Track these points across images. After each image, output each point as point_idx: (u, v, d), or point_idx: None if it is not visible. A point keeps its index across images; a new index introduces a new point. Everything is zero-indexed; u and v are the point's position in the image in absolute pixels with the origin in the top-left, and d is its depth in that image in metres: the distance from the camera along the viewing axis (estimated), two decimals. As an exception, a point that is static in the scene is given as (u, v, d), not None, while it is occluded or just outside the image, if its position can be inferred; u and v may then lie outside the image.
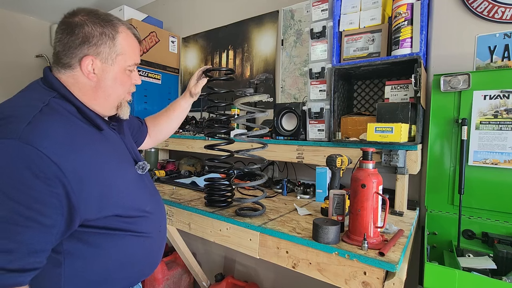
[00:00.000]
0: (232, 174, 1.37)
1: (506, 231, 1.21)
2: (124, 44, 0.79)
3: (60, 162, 0.61)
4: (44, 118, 0.64)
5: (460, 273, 0.85)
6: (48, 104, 0.68)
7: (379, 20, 1.35)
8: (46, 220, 0.59)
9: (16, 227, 0.56)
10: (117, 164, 0.77)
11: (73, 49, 0.73)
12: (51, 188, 0.59)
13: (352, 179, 0.98)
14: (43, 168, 0.59)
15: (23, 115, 0.62)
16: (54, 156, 0.60)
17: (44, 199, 0.59)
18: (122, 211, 0.75)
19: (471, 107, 1.27)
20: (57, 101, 0.71)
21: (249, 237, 1.16)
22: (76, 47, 0.73)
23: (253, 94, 1.21)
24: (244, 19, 2.26)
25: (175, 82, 2.71)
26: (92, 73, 0.75)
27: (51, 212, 0.60)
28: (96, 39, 0.74)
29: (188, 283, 2.34)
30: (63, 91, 0.73)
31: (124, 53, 0.80)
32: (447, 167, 1.34)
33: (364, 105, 1.67)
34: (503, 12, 1.28)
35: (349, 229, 1.00)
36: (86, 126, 0.73)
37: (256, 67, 2.21)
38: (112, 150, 0.78)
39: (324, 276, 0.98)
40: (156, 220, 0.86)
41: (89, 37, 0.73)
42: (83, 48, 0.73)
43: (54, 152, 0.60)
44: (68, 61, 0.74)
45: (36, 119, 0.62)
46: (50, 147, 0.60)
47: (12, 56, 3.23)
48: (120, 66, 0.80)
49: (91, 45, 0.74)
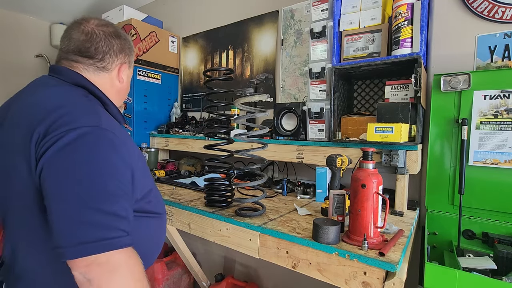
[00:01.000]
0: (232, 174, 1.37)
1: (506, 231, 1.20)
2: (133, 55, 0.96)
3: (128, 146, 0.71)
4: (101, 109, 0.74)
5: (460, 273, 0.85)
6: (88, 98, 0.76)
7: (379, 20, 1.35)
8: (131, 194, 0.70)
9: (120, 199, 0.65)
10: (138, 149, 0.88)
11: (113, 56, 0.84)
12: (128, 168, 0.69)
13: (352, 179, 0.98)
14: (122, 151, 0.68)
15: (85, 108, 0.70)
16: (125, 142, 0.71)
17: (127, 177, 0.69)
18: (148, 193, 0.82)
19: (471, 107, 1.27)
20: (90, 95, 0.78)
21: (249, 237, 1.16)
22: (116, 55, 0.85)
23: (253, 94, 1.21)
24: (244, 19, 2.26)
25: (175, 82, 2.71)
26: (122, 77, 0.89)
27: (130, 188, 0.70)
28: (128, 51, 0.89)
29: (188, 283, 2.33)
30: (91, 87, 0.79)
31: (133, 61, 0.96)
32: (447, 167, 1.34)
33: (364, 105, 1.67)
34: (503, 12, 1.28)
35: (349, 229, 1.00)
36: (113, 119, 0.81)
37: (256, 67, 2.21)
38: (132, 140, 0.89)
39: (324, 276, 0.97)
40: (162, 201, 0.94)
41: (125, 49, 0.88)
42: (120, 57, 0.87)
43: (122, 138, 0.70)
44: (107, 66, 0.84)
45: (99, 110, 0.72)
46: (120, 134, 0.70)
47: (12, 56, 3.23)
48: (131, 73, 0.96)
49: (126, 54, 0.88)
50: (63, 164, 0.61)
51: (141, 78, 2.39)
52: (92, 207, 0.60)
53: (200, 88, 2.57)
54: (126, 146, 0.70)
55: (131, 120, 2.36)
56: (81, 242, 0.58)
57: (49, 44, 3.55)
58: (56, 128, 0.63)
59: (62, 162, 0.61)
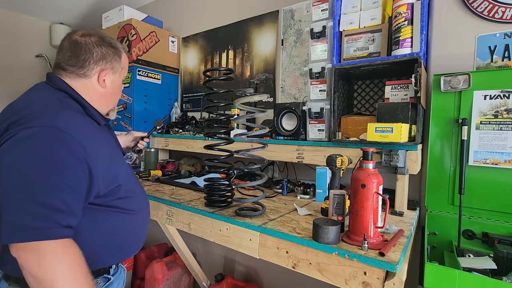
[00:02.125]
0: (232, 174, 1.36)
1: (506, 231, 1.20)
2: (124, 61, 1.00)
3: (86, 145, 0.76)
4: (66, 112, 0.79)
5: (460, 273, 0.85)
6: (63, 101, 0.84)
7: (379, 20, 1.35)
8: (80, 190, 0.75)
9: (63, 193, 0.71)
10: (113, 150, 0.94)
11: (92, 64, 0.90)
12: (81, 165, 0.74)
13: (352, 179, 0.98)
14: (76, 149, 0.74)
15: (51, 109, 0.78)
16: (82, 141, 0.75)
17: (79, 173, 0.74)
18: (116, 189, 0.88)
19: (471, 107, 1.27)
20: (67, 99, 0.86)
21: (249, 237, 1.16)
22: (96, 62, 0.91)
23: (253, 94, 1.21)
24: (244, 19, 2.26)
25: (175, 82, 2.71)
26: (104, 83, 0.94)
27: (82, 183, 0.75)
28: (110, 57, 0.94)
29: (188, 283, 2.33)
30: (71, 92, 0.88)
31: (124, 68, 1.01)
32: (447, 167, 1.34)
33: (364, 105, 1.67)
34: (503, 12, 1.28)
35: (349, 229, 1.00)
36: (90, 120, 0.89)
37: (256, 67, 2.21)
38: (109, 140, 0.95)
39: (324, 276, 0.97)
40: (142, 201, 1.01)
41: (106, 56, 0.93)
42: (101, 64, 0.92)
43: (81, 138, 0.76)
44: (86, 72, 0.90)
45: (62, 112, 0.78)
46: (78, 134, 0.76)
47: (12, 56, 3.23)
48: (121, 78, 1.01)
49: (107, 61, 0.93)
50: (10, 157, 0.69)
51: (141, 78, 2.39)
52: (29, 198, 0.67)
53: (200, 88, 2.57)
54: (82, 145, 0.75)
55: (131, 120, 2.36)
56: (14, 228, 0.66)
57: (49, 44, 3.55)
58: (15, 126, 0.72)
59: (10, 156, 0.70)
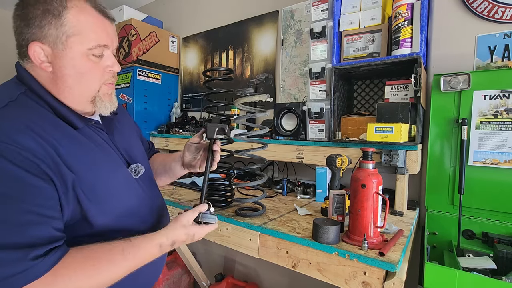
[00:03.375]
0: (232, 174, 1.37)
1: (506, 231, 1.21)
2: (77, 22, 0.63)
3: (37, 157, 0.58)
4: (6, 114, 0.59)
5: (460, 273, 0.85)
6: (16, 100, 0.62)
7: (379, 20, 1.35)
8: (51, 210, 0.59)
9: (27, 227, 0.56)
10: (102, 163, 0.70)
11: (22, 35, 0.63)
12: (38, 179, 0.57)
13: (352, 179, 0.98)
14: (25, 161, 0.56)
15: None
16: (34, 152, 0.57)
17: (40, 188, 0.57)
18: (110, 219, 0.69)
19: (471, 107, 1.27)
20: (26, 96, 0.64)
21: (249, 237, 1.16)
22: (22, 32, 0.62)
23: (253, 94, 1.21)
24: (244, 19, 2.26)
25: (175, 82, 2.71)
26: (46, 62, 0.64)
27: (51, 201, 0.59)
28: (38, 20, 0.61)
29: (188, 283, 2.33)
30: (30, 84, 0.65)
31: (79, 34, 0.64)
32: (447, 167, 1.34)
33: (364, 105, 1.67)
34: (503, 12, 1.28)
35: (349, 229, 1.00)
36: (60, 123, 0.65)
37: (256, 67, 2.21)
38: (87, 148, 0.68)
39: (324, 276, 0.97)
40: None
41: (32, 18, 0.61)
42: (28, 33, 0.62)
43: (29, 149, 0.57)
44: (23, 50, 0.64)
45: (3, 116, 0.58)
46: (28, 140, 0.57)
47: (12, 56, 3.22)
48: (77, 51, 0.65)
49: (35, 28, 0.61)
50: None
51: (141, 78, 2.39)
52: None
53: (200, 88, 2.57)
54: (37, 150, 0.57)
55: (131, 120, 2.36)
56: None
57: (49, 44, 3.55)
58: None
59: None
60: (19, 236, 0.54)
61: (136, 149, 0.88)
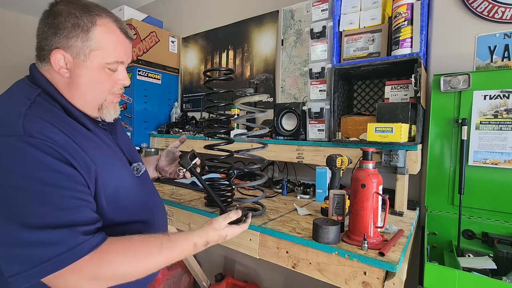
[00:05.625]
0: (232, 174, 1.37)
1: (506, 231, 1.21)
2: (102, 39, 0.71)
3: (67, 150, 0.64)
4: (31, 113, 0.63)
5: (460, 273, 0.85)
6: (35, 102, 0.66)
7: (379, 20, 1.35)
8: (84, 193, 0.65)
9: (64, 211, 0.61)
10: (114, 160, 0.76)
11: (47, 40, 0.68)
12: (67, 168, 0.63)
13: (352, 179, 0.98)
14: (59, 154, 0.62)
15: (16, 115, 0.62)
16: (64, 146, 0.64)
17: (70, 173, 0.64)
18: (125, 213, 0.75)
19: (471, 107, 1.27)
20: (42, 98, 0.68)
21: (249, 237, 1.16)
22: (47, 38, 0.68)
23: (253, 94, 1.21)
24: (244, 19, 2.26)
25: (175, 82, 2.71)
26: (64, 68, 0.70)
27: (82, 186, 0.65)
28: (67, 31, 0.68)
29: (188, 283, 2.34)
30: (46, 87, 0.70)
31: (102, 49, 0.71)
32: (447, 167, 1.34)
33: (364, 105, 1.67)
34: (503, 12, 1.28)
35: (349, 229, 1.00)
36: (74, 123, 0.71)
37: (256, 67, 2.21)
38: (101, 147, 0.75)
39: (324, 276, 0.97)
40: (152, 229, 0.80)
41: (61, 29, 0.67)
42: (53, 40, 0.68)
43: (59, 143, 0.63)
44: (43, 54, 0.70)
45: (28, 118, 0.62)
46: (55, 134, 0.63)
47: (12, 56, 3.23)
48: (96, 63, 0.71)
49: (62, 37, 0.68)
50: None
51: (141, 78, 2.39)
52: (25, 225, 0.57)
53: (200, 88, 2.57)
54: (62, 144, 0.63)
55: (131, 120, 2.36)
56: (22, 270, 0.55)
57: (49, 44, 3.55)
58: None
59: None
60: (66, 217, 0.60)
61: (134, 149, 0.95)
